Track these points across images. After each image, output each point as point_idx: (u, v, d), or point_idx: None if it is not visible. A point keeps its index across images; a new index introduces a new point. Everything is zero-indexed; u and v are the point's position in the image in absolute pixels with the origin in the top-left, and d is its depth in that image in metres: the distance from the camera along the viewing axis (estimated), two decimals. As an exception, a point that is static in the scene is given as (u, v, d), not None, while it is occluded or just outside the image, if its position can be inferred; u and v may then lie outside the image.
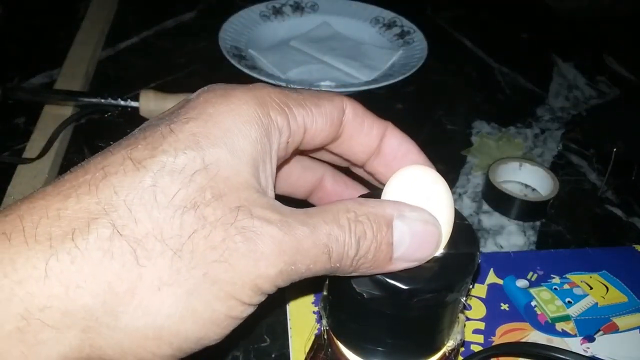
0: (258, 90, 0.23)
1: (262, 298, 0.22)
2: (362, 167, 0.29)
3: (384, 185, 0.26)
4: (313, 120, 0.25)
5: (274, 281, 0.21)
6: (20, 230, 0.19)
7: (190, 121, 0.22)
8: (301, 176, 0.31)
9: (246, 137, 0.22)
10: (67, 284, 0.19)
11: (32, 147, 0.51)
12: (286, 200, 0.25)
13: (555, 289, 0.40)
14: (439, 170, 0.26)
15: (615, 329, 0.38)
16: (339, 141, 0.27)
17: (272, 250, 0.21)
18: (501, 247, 0.47)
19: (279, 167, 0.28)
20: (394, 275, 0.23)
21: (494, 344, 0.36)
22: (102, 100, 0.56)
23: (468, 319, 0.37)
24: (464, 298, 0.25)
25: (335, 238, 0.22)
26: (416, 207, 0.24)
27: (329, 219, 0.22)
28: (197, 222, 0.20)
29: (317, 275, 0.22)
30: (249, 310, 0.22)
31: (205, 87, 0.24)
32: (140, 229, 0.20)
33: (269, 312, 0.39)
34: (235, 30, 0.67)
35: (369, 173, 0.29)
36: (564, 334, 0.37)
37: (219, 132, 0.22)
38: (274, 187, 0.24)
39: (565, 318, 0.38)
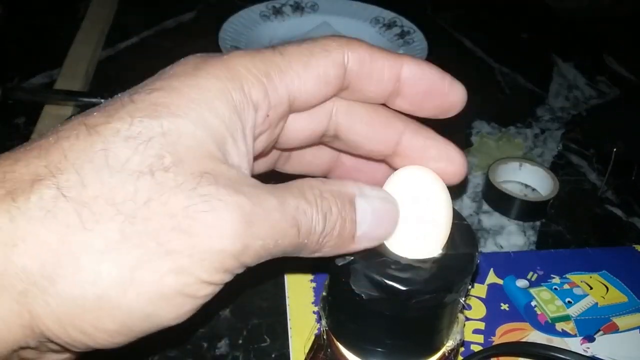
0: (232, 62, 0.22)
1: (227, 278, 0.20)
2: (384, 105, 0.26)
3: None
4: (301, 85, 0.23)
5: (240, 257, 0.20)
6: None
7: (154, 92, 0.21)
8: (316, 154, 0.29)
9: (212, 111, 0.21)
10: (4, 242, 0.18)
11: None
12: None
13: (555, 289, 0.40)
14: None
15: (615, 329, 0.38)
16: (347, 91, 0.25)
17: (239, 222, 0.19)
18: (501, 247, 0.47)
19: (291, 148, 0.27)
20: (392, 276, 0.23)
21: (494, 344, 0.36)
22: (102, 100, 0.56)
23: (468, 319, 0.37)
24: (463, 298, 0.25)
25: (304, 211, 0.21)
26: (375, 187, 0.24)
27: (296, 193, 0.21)
28: (154, 187, 0.19)
29: (284, 255, 0.21)
30: (209, 289, 0.20)
31: (182, 59, 0.23)
32: (88, 192, 0.18)
33: (269, 312, 0.39)
34: (235, 30, 0.67)
35: (394, 109, 0.27)
36: (564, 334, 0.37)
37: (182, 102, 0.20)
38: (252, 166, 0.23)
39: (565, 318, 0.38)
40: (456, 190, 0.52)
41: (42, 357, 0.21)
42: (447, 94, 0.26)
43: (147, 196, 0.19)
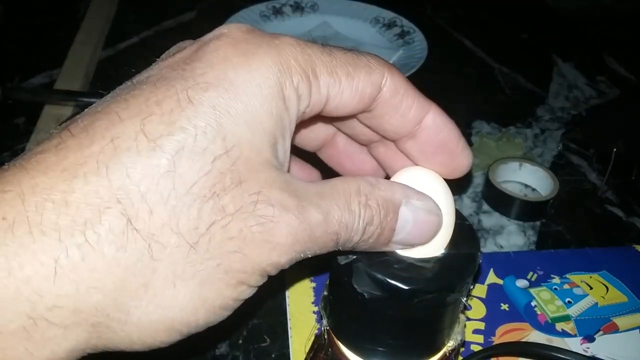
0: (284, 51, 0.21)
1: (266, 279, 0.21)
2: (394, 142, 0.26)
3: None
4: (339, 93, 0.22)
5: (282, 266, 0.21)
6: (24, 216, 0.17)
7: (210, 88, 0.19)
8: (312, 129, 0.29)
9: (267, 113, 0.20)
10: (77, 282, 0.18)
11: (32, 147, 0.51)
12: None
13: (555, 289, 0.40)
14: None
15: (615, 329, 0.38)
16: (369, 115, 0.24)
17: (287, 240, 0.20)
18: (501, 247, 0.47)
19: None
20: (395, 275, 0.23)
21: (494, 344, 0.36)
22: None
23: (468, 319, 0.37)
24: (465, 298, 0.25)
25: (345, 225, 0.21)
26: (423, 195, 0.24)
27: (342, 204, 0.21)
28: (216, 213, 0.19)
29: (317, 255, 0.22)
30: (253, 291, 0.21)
31: (224, 30, 0.21)
32: (155, 220, 0.18)
33: (269, 312, 0.39)
34: (235, 30, 0.67)
35: (401, 151, 0.27)
36: (564, 334, 0.37)
37: (241, 106, 0.20)
38: (290, 156, 0.23)
39: (565, 318, 0.38)
40: (456, 189, 0.52)
41: None
42: (458, 155, 0.26)
43: (209, 221, 0.19)
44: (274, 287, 0.40)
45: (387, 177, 0.27)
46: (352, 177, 0.22)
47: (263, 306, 0.39)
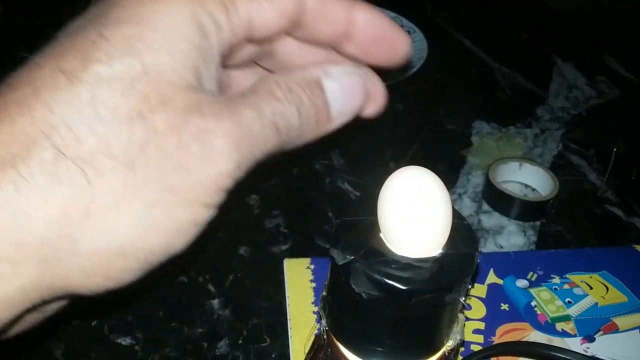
0: None
1: (224, 196, 0.21)
2: (336, 50, 0.27)
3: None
4: (261, 13, 0.23)
5: (233, 175, 0.21)
6: None
7: (123, 24, 0.20)
8: (244, 56, 0.28)
9: (185, 39, 0.20)
10: (15, 214, 0.18)
11: None
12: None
13: (555, 289, 0.40)
14: (439, 170, 0.26)
15: (615, 329, 0.38)
16: (301, 29, 0.25)
17: (227, 145, 0.20)
18: (501, 247, 0.47)
19: (233, 67, 0.27)
20: (392, 275, 0.23)
21: (493, 343, 0.36)
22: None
23: (468, 319, 0.37)
24: (463, 298, 0.25)
25: (279, 112, 0.22)
26: (337, 65, 0.24)
27: (266, 96, 0.22)
28: (147, 132, 0.19)
29: (271, 155, 0.22)
30: (212, 212, 0.21)
31: None
32: (85, 148, 0.18)
33: (269, 312, 0.39)
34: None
35: (343, 56, 0.27)
36: (564, 334, 0.37)
37: (156, 35, 0.20)
38: (220, 87, 0.23)
39: (565, 318, 0.38)
40: (456, 189, 0.52)
41: (44, 308, 0.22)
42: (395, 40, 0.26)
43: (141, 142, 0.19)
44: (274, 287, 0.40)
45: None
46: (266, 76, 0.23)
47: (263, 306, 0.39)
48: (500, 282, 0.40)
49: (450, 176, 0.52)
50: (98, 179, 0.19)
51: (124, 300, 0.39)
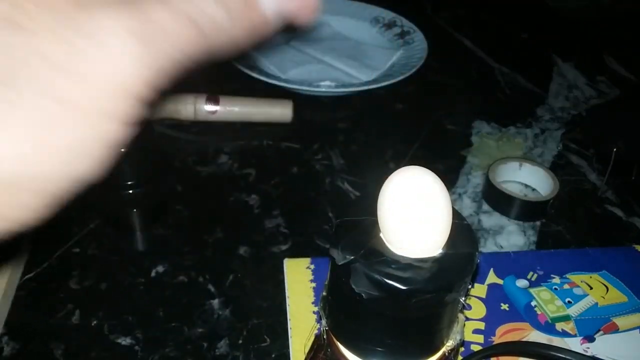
0: None
1: (139, 107, 0.18)
2: None
3: None
4: None
5: (143, 76, 0.17)
6: None
7: None
8: None
9: None
10: None
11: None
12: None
13: (555, 289, 0.40)
14: (439, 170, 0.26)
15: (615, 329, 0.38)
16: None
17: (126, 40, 0.17)
18: (501, 247, 0.47)
19: None
20: (392, 275, 0.23)
21: (493, 343, 0.36)
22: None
23: (468, 319, 0.37)
24: (463, 298, 0.25)
25: (196, 6, 0.18)
26: None
27: None
28: (27, 40, 0.16)
29: (197, 61, 0.19)
30: (126, 127, 0.18)
31: None
32: None
33: (269, 312, 0.39)
34: (235, 31, 0.67)
35: None
36: (564, 334, 0.37)
37: None
38: None
39: (565, 318, 0.38)
40: (456, 189, 0.52)
41: None
42: None
43: (20, 54, 0.16)
44: (274, 286, 0.40)
45: None
46: None
47: (263, 306, 0.39)
48: (500, 282, 0.40)
49: (450, 176, 0.53)
50: None
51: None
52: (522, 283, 0.40)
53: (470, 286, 0.25)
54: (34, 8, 0.16)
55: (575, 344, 0.36)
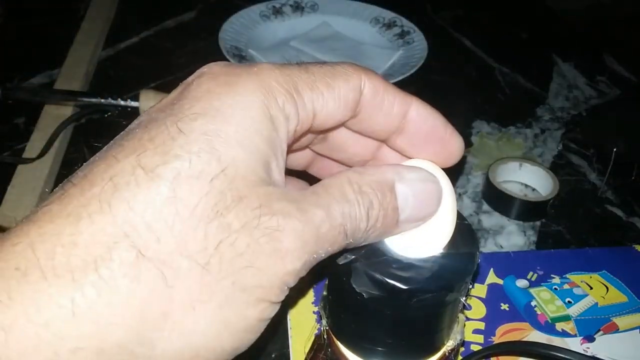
0: (264, 75, 0.22)
1: (287, 292, 0.21)
2: (385, 143, 0.27)
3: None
4: (324, 105, 0.23)
5: (299, 273, 0.21)
6: (36, 264, 0.17)
7: (198, 118, 0.20)
8: (302, 147, 0.29)
9: (257, 132, 0.21)
10: (96, 320, 0.18)
11: (32, 147, 0.51)
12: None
13: (555, 289, 0.40)
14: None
15: (615, 329, 0.38)
16: (356, 120, 0.25)
17: (296, 245, 0.20)
18: (501, 247, 0.47)
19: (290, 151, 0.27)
20: (393, 275, 0.23)
21: (494, 343, 0.36)
22: (102, 100, 0.56)
23: (468, 319, 0.37)
24: (464, 298, 0.25)
25: (348, 215, 0.21)
26: (413, 167, 0.24)
27: (338, 196, 0.21)
28: (222, 231, 0.19)
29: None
30: (277, 308, 0.21)
31: (204, 69, 0.22)
32: (164, 247, 0.18)
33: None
34: (235, 30, 0.67)
35: (396, 150, 0.27)
36: (564, 334, 0.37)
37: (230, 129, 0.20)
38: (284, 175, 0.23)
39: (565, 318, 0.38)
40: (456, 189, 0.52)
41: None
42: (448, 141, 0.26)
43: (217, 240, 0.19)
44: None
45: None
46: (340, 172, 0.23)
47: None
48: (500, 282, 0.40)
49: (450, 176, 0.52)
50: (176, 280, 0.18)
51: None
52: (522, 283, 0.40)
53: (470, 286, 0.25)
54: (233, 204, 0.19)
55: (575, 344, 0.36)
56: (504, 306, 0.39)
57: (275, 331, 0.38)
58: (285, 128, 0.22)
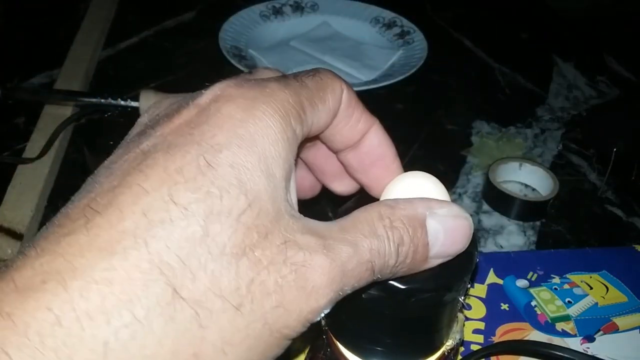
0: (277, 97, 0.22)
1: (307, 328, 0.21)
2: (336, 154, 0.28)
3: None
4: (319, 119, 0.23)
5: (322, 310, 0.20)
6: (69, 305, 0.17)
7: (224, 149, 0.20)
8: (305, 177, 0.30)
9: (277, 159, 0.21)
10: None
11: (32, 147, 0.51)
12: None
13: (555, 289, 0.40)
14: (438, 170, 0.26)
15: (615, 329, 0.38)
16: (326, 132, 0.25)
17: (322, 281, 0.20)
18: (501, 247, 0.47)
19: None
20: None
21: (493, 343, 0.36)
22: (102, 100, 0.56)
23: (468, 319, 0.37)
24: (463, 297, 0.25)
25: (377, 251, 0.21)
26: (444, 202, 0.24)
27: (367, 232, 0.21)
28: (252, 269, 0.19)
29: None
30: (291, 342, 0.21)
31: (217, 91, 0.22)
32: (198, 287, 0.18)
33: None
34: (235, 30, 0.67)
35: (340, 162, 0.28)
36: (564, 334, 0.37)
37: (255, 159, 0.20)
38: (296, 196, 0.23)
39: (565, 318, 0.38)
40: (456, 189, 0.52)
41: None
42: (391, 171, 0.27)
43: (248, 279, 0.19)
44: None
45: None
46: (371, 205, 0.22)
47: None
48: (500, 282, 0.40)
49: (450, 176, 0.52)
50: (209, 320, 0.18)
51: None
52: (522, 283, 0.40)
53: (470, 286, 0.25)
54: (260, 240, 0.19)
55: (575, 344, 0.36)
56: (504, 306, 0.39)
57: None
58: (297, 148, 0.22)
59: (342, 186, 0.30)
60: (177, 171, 0.19)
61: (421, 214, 0.22)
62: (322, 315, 0.21)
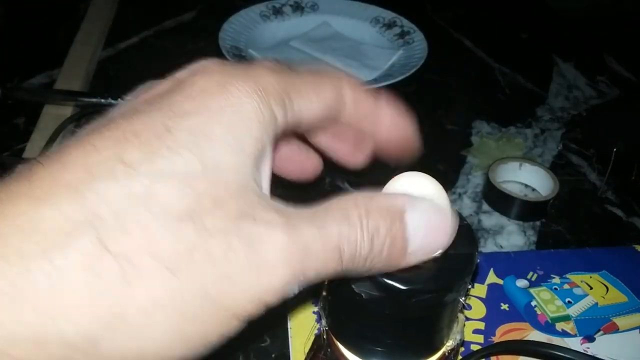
0: (260, 78, 0.21)
1: (263, 310, 0.20)
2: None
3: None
4: (310, 109, 0.23)
5: (280, 293, 0.19)
6: None
7: (189, 117, 0.19)
8: (306, 159, 0.29)
9: (248, 135, 0.20)
10: (42, 310, 0.16)
11: (32, 147, 0.51)
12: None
13: (555, 289, 0.40)
14: (438, 170, 0.26)
15: (615, 329, 0.38)
16: (339, 125, 0.25)
17: (277, 258, 0.19)
18: (501, 247, 0.47)
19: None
20: (392, 275, 0.23)
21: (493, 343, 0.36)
22: (102, 100, 0.56)
23: (468, 319, 0.37)
24: (463, 298, 0.25)
25: (347, 237, 0.20)
26: (426, 198, 0.23)
27: (339, 217, 0.20)
28: (196, 234, 0.18)
29: (326, 279, 0.21)
30: (241, 327, 0.20)
31: (198, 67, 0.22)
32: (131, 245, 0.17)
33: (269, 312, 0.39)
34: (235, 30, 0.67)
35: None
36: (564, 334, 0.37)
37: (220, 130, 0.19)
38: (270, 181, 0.22)
39: (565, 318, 0.38)
40: (456, 189, 0.52)
41: None
42: (410, 144, 0.28)
43: (189, 245, 0.18)
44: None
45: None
46: (348, 194, 0.22)
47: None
48: (500, 282, 0.40)
49: (450, 176, 0.52)
50: (138, 280, 0.17)
51: None
52: (522, 283, 0.40)
53: (470, 286, 0.25)
54: (211, 208, 0.18)
55: (575, 344, 0.36)
56: (504, 306, 0.39)
57: (275, 331, 0.38)
58: (273, 131, 0.21)
59: (356, 158, 0.30)
60: (133, 134, 0.19)
61: (401, 206, 0.22)
62: (283, 299, 0.19)
